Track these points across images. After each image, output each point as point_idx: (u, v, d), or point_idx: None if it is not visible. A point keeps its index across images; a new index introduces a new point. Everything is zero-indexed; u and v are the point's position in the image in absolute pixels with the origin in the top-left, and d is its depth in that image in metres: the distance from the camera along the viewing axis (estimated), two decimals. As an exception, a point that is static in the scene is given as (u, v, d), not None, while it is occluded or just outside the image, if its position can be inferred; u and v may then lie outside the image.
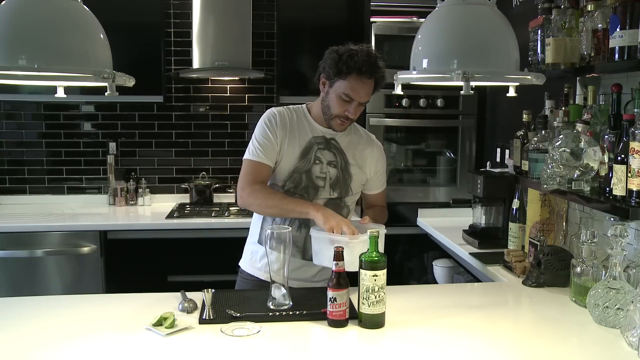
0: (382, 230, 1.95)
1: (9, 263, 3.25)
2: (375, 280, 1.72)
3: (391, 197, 3.65)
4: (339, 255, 1.74)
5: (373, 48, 2.19)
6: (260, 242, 2.20)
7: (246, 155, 2.17)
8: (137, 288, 2.33)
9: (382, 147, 2.32)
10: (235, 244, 3.36)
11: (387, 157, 2.36)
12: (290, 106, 2.26)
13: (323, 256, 1.95)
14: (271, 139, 2.15)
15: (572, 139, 2.02)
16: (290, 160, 2.16)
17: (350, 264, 1.77)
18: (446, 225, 3.29)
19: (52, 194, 3.91)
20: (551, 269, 2.18)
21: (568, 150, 2.02)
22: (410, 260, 3.66)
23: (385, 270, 1.74)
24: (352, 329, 1.76)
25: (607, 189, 1.90)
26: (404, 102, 3.56)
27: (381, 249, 1.83)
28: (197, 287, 1.98)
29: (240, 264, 2.33)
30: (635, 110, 1.83)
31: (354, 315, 1.79)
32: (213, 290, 1.84)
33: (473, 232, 2.95)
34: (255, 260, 2.25)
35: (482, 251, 2.77)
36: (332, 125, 2.15)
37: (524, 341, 1.72)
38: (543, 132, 2.33)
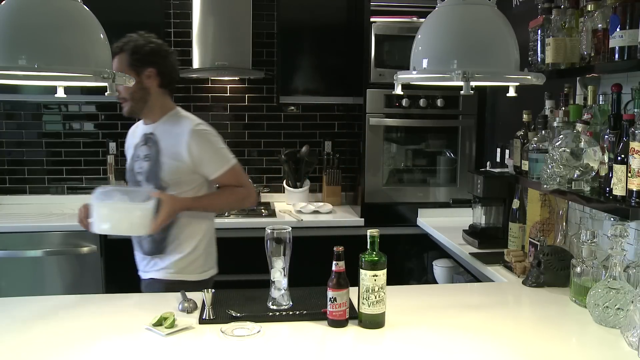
0: (146, 205, 2.09)
1: (9, 263, 3.25)
2: (375, 280, 1.72)
3: (391, 197, 3.66)
4: (339, 255, 1.74)
5: (147, 34, 2.29)
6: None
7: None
8: (137, 288, 2.34)
9: (199, 130, 2.24)
10: (235, 243, 3.36)
11: (387, 157, 2.35)
12: None
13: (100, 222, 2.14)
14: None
15: (572, 139, 2.02)
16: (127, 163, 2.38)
17: (130, 227, 2.11)
18: (446, 225, 3.29)
19: (52, 194, 3.92)
20: (551, 269, 2.18)
21: (568, 150, 2.02)
22: (410, 260, 3.66)
23: (385, 270, 1.74)
24: (352, 329, 1.76)
25: (607, 189, 1.90)
26: (404, 102, 3.55)
27: (144, 226, 2.09)
28: (197, 287, 1.98)
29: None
30: (635, 110, 1.83)
31: (354, 315, 1.79)
32: (213, 290, 1.85)
33: (473, 232, 2.95)
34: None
35: (482, 251, 2.77)
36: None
37: (524, 341, 1.72)
38: (543, 132, 2.33)
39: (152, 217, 2.10)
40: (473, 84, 1.60)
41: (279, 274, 1.88)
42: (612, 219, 2.14)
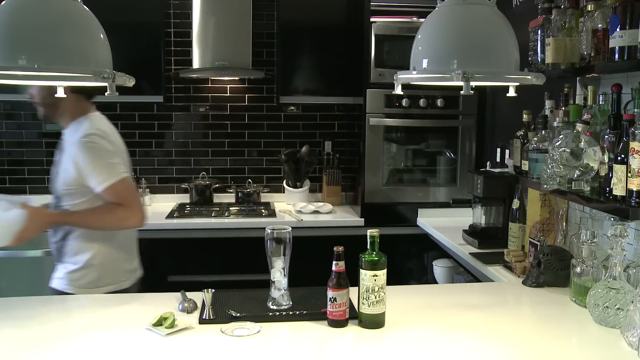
0: (4, 216, 2.04)
1: (9, 263, 3.25)
2: (375, 280, 1.72)
3: (391, 197, 3.66)
4: (339, 255, 1.74)
5: None
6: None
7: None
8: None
9: (86, 141, 2.14)
10: (235, 244, 3.36)
11: (387, 157, 2.34)
12: None
13: None
14: None
15: (572, 139, 2.03)
16: None
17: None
18: (446, 225, 3.29)
19: (52, 194, 3.91)
20: (551, 269, 2.18)
21: (568, 150, 2.02)
22: (410, 260, 3.66)
23: (385, 270, 1.74)
24: (352, 329, 1.76)
25: (607, 189, 1.90)
26: (404, 102, 3.55)
27: (2, 237, 2.03)
28: (197, 287, 1.98)
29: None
30: (635, 110, 1.83)
31: (354, 315, 1.79)
32: (213, 290, 1.85)
33: (473, 232, 2.95)
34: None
35: (482, 251, 2.77)
36: None
37: (524, 341, 1.72)
38: (543, 132, 2.33)
39: (13, 229, 2.05)
40: (473, 84, 1.60)
41: (279, 274, 1.88)
42: (612, 219, 2.14)
